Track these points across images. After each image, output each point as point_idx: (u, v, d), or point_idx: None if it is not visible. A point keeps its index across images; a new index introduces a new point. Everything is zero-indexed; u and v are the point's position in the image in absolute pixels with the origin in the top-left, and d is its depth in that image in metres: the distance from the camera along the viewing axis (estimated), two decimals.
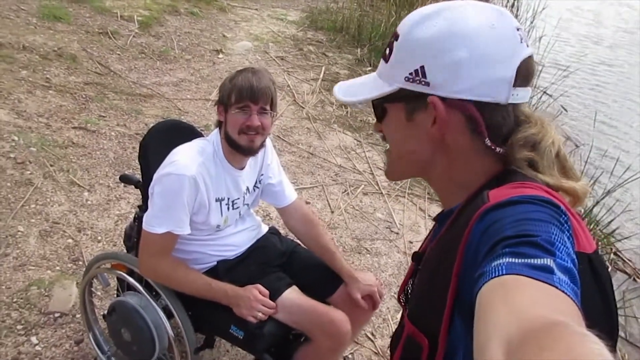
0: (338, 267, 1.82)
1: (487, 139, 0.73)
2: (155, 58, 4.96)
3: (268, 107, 1.62)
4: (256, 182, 1.84)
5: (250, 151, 1.66)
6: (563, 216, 0.61)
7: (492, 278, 0.52)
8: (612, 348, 0.56)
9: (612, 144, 5.39)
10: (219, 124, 1.70)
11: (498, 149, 0.74)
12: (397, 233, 3.33)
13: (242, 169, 1.74)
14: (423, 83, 0.73)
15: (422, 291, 0.77)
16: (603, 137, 5.55)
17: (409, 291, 0.91)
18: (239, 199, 1.75)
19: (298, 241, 1.98)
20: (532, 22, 7.24)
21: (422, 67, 0.72)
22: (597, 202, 3.66)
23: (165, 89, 4.48)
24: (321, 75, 5.39)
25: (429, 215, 3.57)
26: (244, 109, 1.59)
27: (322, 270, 1.84)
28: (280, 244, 1.93)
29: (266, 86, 1.60)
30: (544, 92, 5.29)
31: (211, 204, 1.65)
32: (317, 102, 4.91)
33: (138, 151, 1.88)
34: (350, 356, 2.34)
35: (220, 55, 5.42)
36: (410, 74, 0.73)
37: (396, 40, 0.76)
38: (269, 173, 1.88)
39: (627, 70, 8.61)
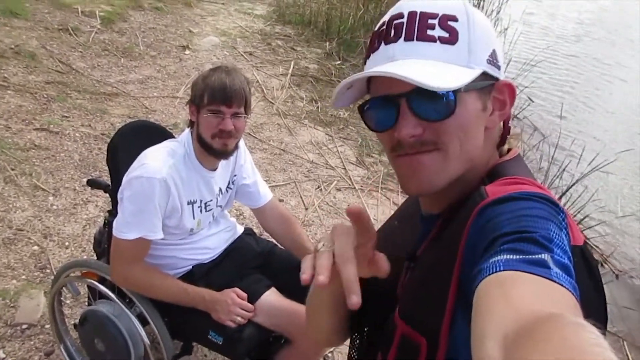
0: None
1: (511, 121, 0.75)
2: (120, 55, 4.82)
3: (242, 110, 1.58)
4: (229, 183, 1.80)
5: (224, 154, 1.62)
6: (561, 214, 0.61)
7: (489, 274, 0.51)
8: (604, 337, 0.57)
9: (580, 133, 5.53)
10: (191, 124, 1.65)
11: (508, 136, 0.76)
12: None
13: (214, 170, 1.69)
14: (496, 67, 0.71)
15: (419, 289, 0.75)
16: (569, 126, 5.69)
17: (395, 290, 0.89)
18: (211, 200, 1.71)
19: (274, 241, 1.95)
20: (497, 14, 7.34)
21: (494, 51, 0.71)
22: (565, 192, 3.75)
23: (130, 87, 4.36)
24: (290, 70, 5.34)
25: None
26: (217, 112, 1.54)
27: (299, 271, 1.81)
28: (256, 244, 1.90)
29: (240, 87, 1.55)
30: None
31: (183, 207, 1.60)
32: (287, 97, 4.87)
33: (106, 154, 1.81)
34: (330, 355, 2.32)
35: (187, 51, 5.31)
36: (490, 55, 0.70)
37: (454, 21, 0.68)
38: (243, 173, 1.84)
39: (590, 61, 8.85)
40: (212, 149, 1.58)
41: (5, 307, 2.18)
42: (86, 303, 2.00)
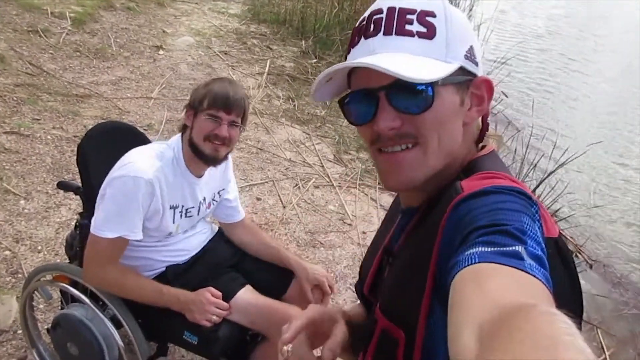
0: (285, 258, 1.80)
1: (488, 116, 0.76)
2: (92, 56, 4.75)
3: (239, 120, 1.58)
4: (214, 196, 1.80)
5: (213, 160, 1.61)
6: (534, 206, 0.62)
7: (464, 267, 0.52)
8: (579, 326, 0.57)
9: (551, 127, 5.63)
10: (183, 129, 1.64)
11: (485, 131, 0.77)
12: (350, 224, 3.34)
13: (200, 176, 1.68)
14: (474, 62, 0.72)
15: (397, 284, 0.76)
16: (542, 120, 5.79)
17: (377, 285, 0.89)
18: (193, 207, 1.70)
19: None
20: (470, 10, 7.42)
21: (472, 47, 0.72)
22: (538, 185, 3.81)
23: (103, 88, 4.29)
24: (266, 69, 5.32)
25: (381, 205, 3.61)
26: (215, 117, 1.54)
27: (274, 268, 1.82)
28: (230, 244, 1.89)
29: (242, 98, 1.57)
30: None
31: (165, 211, 1.59)
32: (263, 96, 4.85)
33: (76, 156, 1.78)
34: None
35: (161, 52, 5.25)
36: (467, 51, 0.71)
37: (432, 16, 0.69)
38: (229, 188, 1.86)
39: (563, 57, 9.03)
40: (203, 153, 1.57)
41: None
42: (59, 307, 1.97)
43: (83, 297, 1.63)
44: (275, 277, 1.80)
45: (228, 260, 1.81)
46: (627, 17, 13.42)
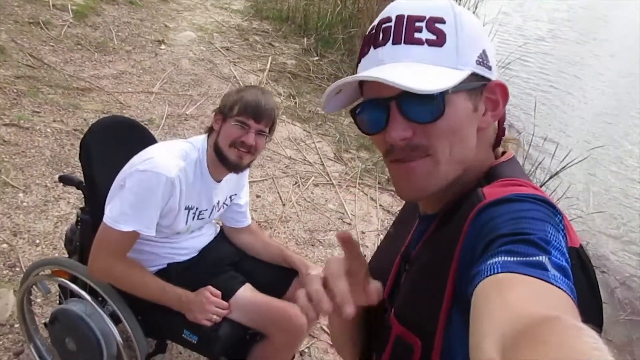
0: (288, 257, 1.80)
1: (505, 122, 0.75)
2: (93, 50, 4.72)
3: (267, 130, 1.58)
4: (226, 200, 1.79)
5: (236, 168, 1.61)
6: (558, 215, 0.61)
7: (487, 276, 0.51)
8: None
9: (552, 130, 5.64)
10: (209, 131, 1.64)
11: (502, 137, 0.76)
12: (350, 223, 3.33)
13: (219, 181, 1.68)
14: (487, 67, 0.71)
15: (414, 291, 0.75)
16: (544, 123, 5.79)
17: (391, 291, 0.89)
18: (206, 210, 1.70)
19: None
20: (474, 11, 7.41)
21: (484, 51, 0.71)
22: (539, 187, 3.81)
23: (104, 82, 4.27)
24: (268, 66, 5.31)
25: (380, 205, 3.60)
26: (243, 124, 1.54)
27: (274, 267, 1.82)
28: (231, 243, 1.89)
29: (272, 108, 1.57)
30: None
31: (180, 211, 1.59)
32: None
33: (79, 150, 1.77)
34: (306, 350, 2.32)
35: (163, 46, 5.23)
36: (479, 56, 0.70)
37: (441, 23, 0.68)
38: (241, 194, 1.86)
39: (565, 59, 9.03)
40: (227, 159, 1.57)
41: None
42: (57, 302, 1.96)
43: (82, 292, 1.62)
44: (276, 276, 1.79)
45: (228, 258, 1.81)
46: (627, 20, 13.44)
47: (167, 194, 1.50)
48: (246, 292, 1.65)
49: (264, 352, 1.68)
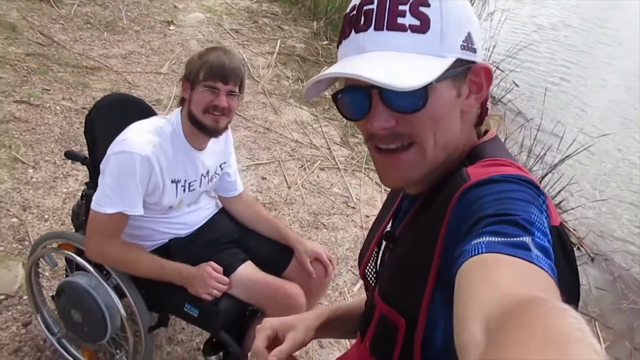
0: (284, 234, 1.83)
1: (488, 102, 0.74)
2: (102, 29, 4.73)
3: (237, 89, 1.58)
4: (216, 169, 1.81)
5: (214, 132, 1.61)
6: (542, 196, 0.62)
7: (471, 256, 0.52)
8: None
9: (560, 117, 5.59)
10: (182, 102, 1.64)
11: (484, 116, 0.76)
12: (354, 207, 3.35)
13: (202, 149, 1.69)
14: (472, 50, 0.69)
15: (398, 270, 0.76)
16: (552, 111, 5.74)
17: (376, 269, 0.90)
18: (195, 181, 1.71)
19: None
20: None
21: (469, 34, 0.69)
22: (544, 176, 3.80)
23: (113, 61, 4.29)
24: (277, 49, 5.29)
25: (385, 190, 3.61)
26: (212, 88, 1.53)
27: (274, 245, 1.84)
28: (232, 220, 1.91)
29: (237, 67, 1.56)
30: (497, 68, 5.39)
31: (166, 185, 1.60)
32: (272, 76, 4.84)
33: (84, 126, 1.79)
34: None
35: (172, 27, 5.23)
36: (464, 40, 0.67)
37: (425, 6, 0.64)
38: (230, 161, 1.87)
39: (576, 48, 8.90)
40: (203, 126, 1.57)
41: None
42: (64, 275, 2.01)
43: (88, 265, 1.66)
44: (276, 254, 1.82)
45: (229, 235, 1.83)
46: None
47: (145, 172, 1.51)
48: (247, 269, 1.68)
49: None
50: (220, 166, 1.82)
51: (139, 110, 1.87)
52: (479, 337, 0.43)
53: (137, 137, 1.52)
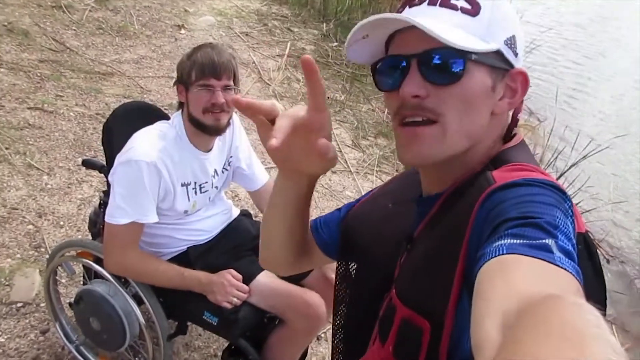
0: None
1: (520, 113, 0.75)
2: (114, 34, 4.76)
3: (231, 83, 1.57)
4: (224, 165, 1.79)
5: (217, 130, 1.60)
6: (568, 202, 0.61)
7: (492, 258, 0.52)
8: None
9: (575, 118, 5.54)
10: (180, 106, 1.63)
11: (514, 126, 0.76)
12: None
13: (208, 151, 1.69)
14: (514, 52, 0.71)
15: (419, 273, 0.74)
16: (565, 112, 5.69)
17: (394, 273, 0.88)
18: (207, 182, 1.70)
19: None
20: None
21: (514, 37, 0.71)
22: (558, 178, 3.76)
23: (125, 66, 4.31)
24: (287, 51, 5.29)
25: None
26: (207, 86, 1.52)
27: None
28: (252, 226, 1.90)
29: (227, 60, 1.54)
30: None
31: (176, 190, 1.60)
32: (283, 78, 4.83)
33: (102, 135, 1.80)
34: (323, 335, 2.35)
35: (182, 31, 5.24)
36: (509, 38, 0.70)
37: None
38: (239, 154, 1.84)
39: (589, 48, 8.83)
40: (205, 126, 1.57)
41: (0, 286, 2.18)
42: (81, 282, 2.01)
43: (106, 273, 1.66)
44: None
45: (249, 242, 1.82)
46: None
47: (154, 178, 1.51)
48: (266, 277, 1.67)
49: (282, 337, 1.70)
50: (228, 162, 1.81)
51: (156, 117, 1.86)
52: (494, 334, 0.43)
53: (141, 144, 1.52)
